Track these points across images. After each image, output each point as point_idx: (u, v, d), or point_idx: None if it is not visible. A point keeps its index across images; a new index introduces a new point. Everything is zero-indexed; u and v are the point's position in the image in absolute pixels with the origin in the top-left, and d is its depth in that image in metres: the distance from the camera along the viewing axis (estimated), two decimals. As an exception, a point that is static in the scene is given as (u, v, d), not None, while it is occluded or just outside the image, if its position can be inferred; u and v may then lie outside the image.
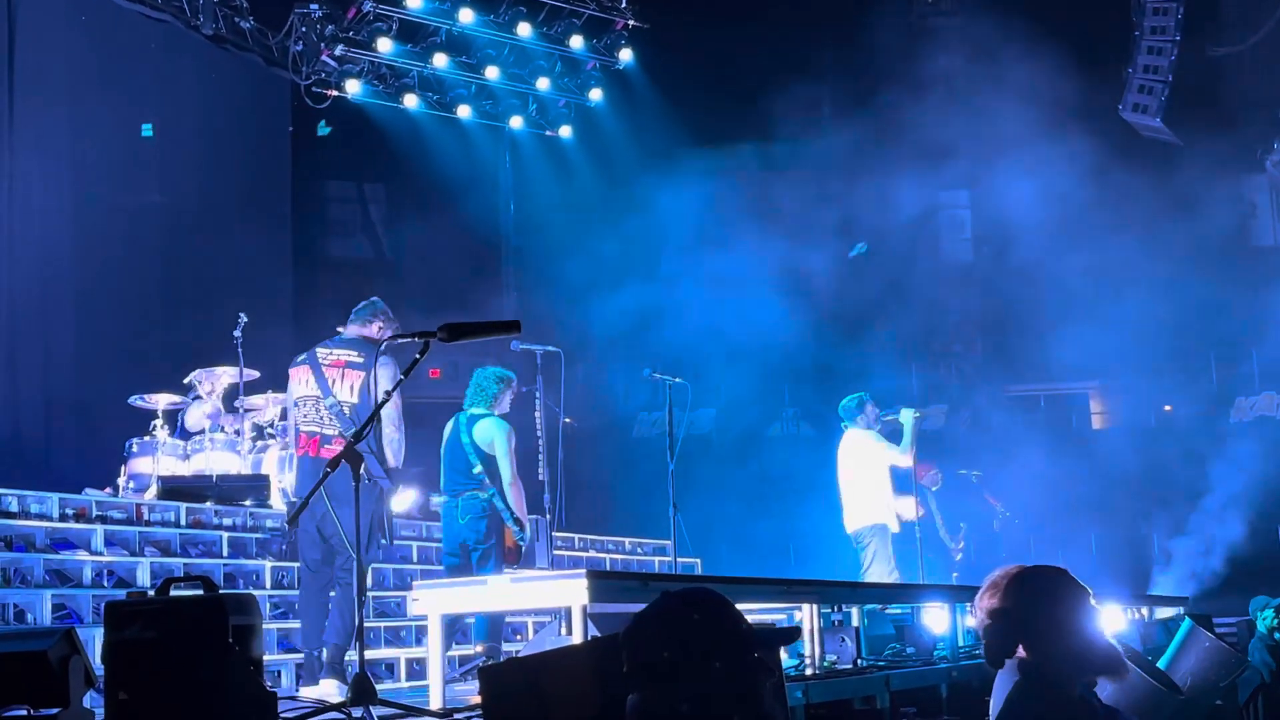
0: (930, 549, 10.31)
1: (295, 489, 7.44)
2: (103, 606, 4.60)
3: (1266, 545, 13.88)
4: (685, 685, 2.54)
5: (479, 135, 15.81)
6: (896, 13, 18.19)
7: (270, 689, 4.42)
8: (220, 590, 4.91)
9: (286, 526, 8.50)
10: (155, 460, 9.79)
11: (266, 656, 6.66)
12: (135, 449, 9.97)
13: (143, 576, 7.74)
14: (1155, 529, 14.95)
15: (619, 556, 12.03)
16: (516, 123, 15.61)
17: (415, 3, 13.92)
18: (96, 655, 4.46)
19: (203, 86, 13.60)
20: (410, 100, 14.83)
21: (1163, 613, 10.31)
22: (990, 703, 3.24)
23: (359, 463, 5.05)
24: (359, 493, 5.10)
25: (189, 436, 10.23)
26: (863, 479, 9.41)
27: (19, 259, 11.63)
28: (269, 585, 8.40)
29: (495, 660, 6.90)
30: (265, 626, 7.19)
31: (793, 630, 2.91)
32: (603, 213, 15.24)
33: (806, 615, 6.36)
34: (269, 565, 8.49)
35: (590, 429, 14.93)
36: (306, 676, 6.69)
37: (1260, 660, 9.49)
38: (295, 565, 8.49)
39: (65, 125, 12.27)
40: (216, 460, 9.88)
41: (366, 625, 5.76)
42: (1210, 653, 6.77)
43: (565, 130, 15.99)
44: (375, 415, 5.53)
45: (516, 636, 9.15)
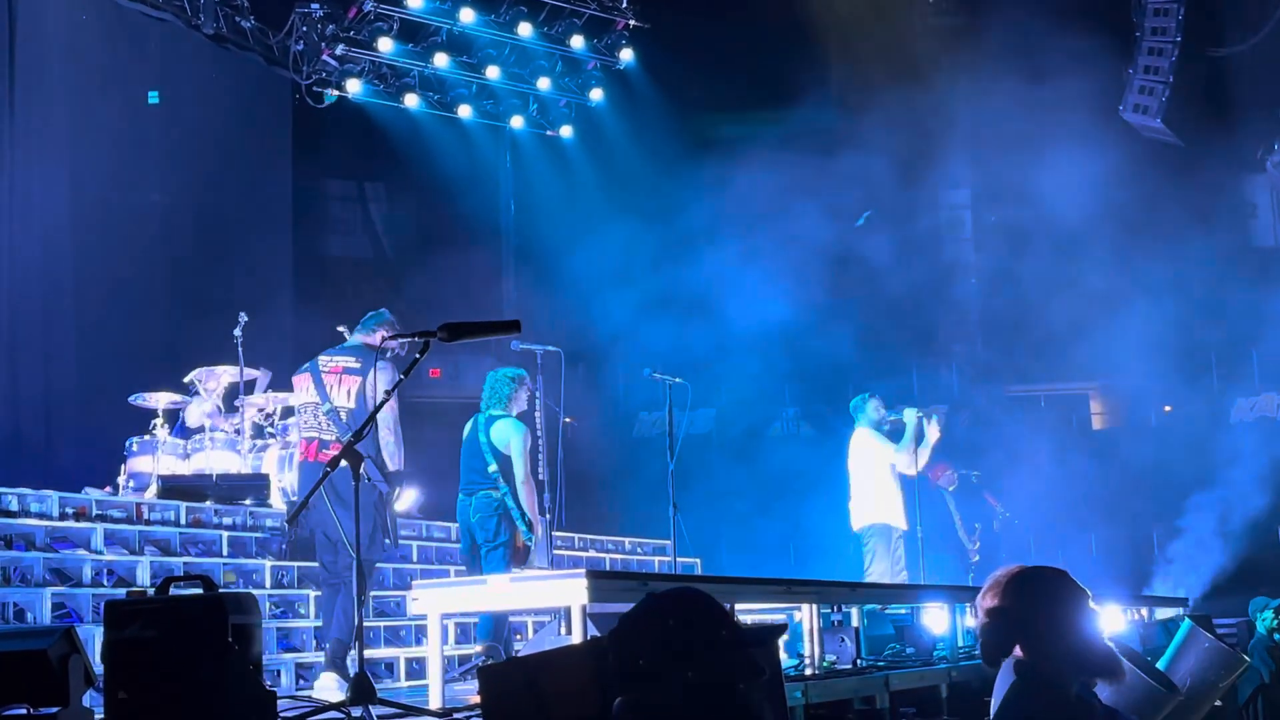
0: (949, 549, 10.30)
1: (297, 492, 7.68)
2: (102, 605, 4.61)
3: (1266, 546, 13.84)
4: (666, 687, 2.55)
5: (480, 135, 15.79)
6: (899, 14, 18.16)
7: (270, 688, 4.43)
8: (220, 590, 4.92)
9: (286, 526, 8.54)
10: (155, 459, 9.80)
11: (266, 656, 6.68)
12: (135, 448, 9.98)
13: (142, 575, 7.75)
14: (1156, 529, 14.94)
15: (619, 556, 12.02)
16: (517, 122, 15.60)
17: (416, 2, 13.91)
18: (96, 654, 4.47)
19: (203, 86, 13.60)
20: (411, 100, 14.81)
21: (1163, 613, 10.28)
22: (990, 703, 3.24)
23: (358, 461, 5.08)
24: (358, 492, 5.12)
25: (189, 435, 10.23)
26: (866, 477, 9.42)
27: (19, 258, 11.64)
28: (269, 585, 8.40)
29: (495, 660, 6.92)
30: (265, 626, 7.22)
31: (778, 626, 2.92)
32: (603, 213, 15.22)
33: (806, 615, 6.37)
34: (269, 564, 8.49)
35: (590, 429, 14.90)
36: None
37: (1260, 661, 9.49)
38: (295, 565, 8.58)
39: (65, 125, 12.28)
40: (216, 459, 9.90)
41: (366, 625, 5.78)
42: (1210, 653, 6.77)
43: (566, 130, 15.98)
44: (372, 418, 5.56)
45: (516, 636, 9.14)
